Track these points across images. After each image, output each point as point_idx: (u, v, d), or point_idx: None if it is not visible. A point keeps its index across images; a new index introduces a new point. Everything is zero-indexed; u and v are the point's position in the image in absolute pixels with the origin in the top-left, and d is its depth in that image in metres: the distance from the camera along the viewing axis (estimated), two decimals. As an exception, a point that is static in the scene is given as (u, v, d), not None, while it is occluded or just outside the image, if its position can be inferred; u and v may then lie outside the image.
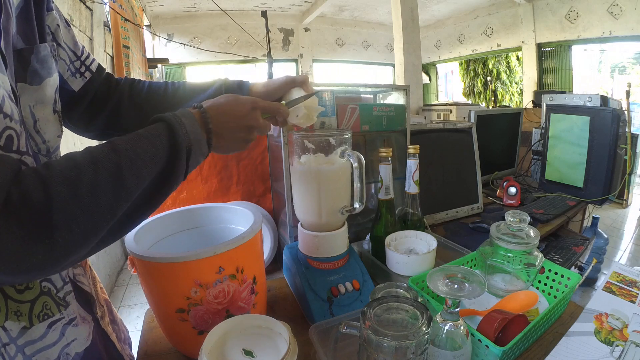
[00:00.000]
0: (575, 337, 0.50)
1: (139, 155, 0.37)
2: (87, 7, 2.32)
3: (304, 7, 5.70)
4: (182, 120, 0.41)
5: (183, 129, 0.41)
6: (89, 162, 0.33)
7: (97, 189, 0.33)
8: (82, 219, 0.32)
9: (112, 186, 0.34)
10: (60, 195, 0.31)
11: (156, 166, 0.38)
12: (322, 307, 0.63)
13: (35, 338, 0.39)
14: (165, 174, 0.39)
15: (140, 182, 0.36)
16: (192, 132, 0.42)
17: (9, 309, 0.37)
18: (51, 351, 0.40)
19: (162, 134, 0.40)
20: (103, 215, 0.34)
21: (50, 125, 0.43)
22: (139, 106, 0.57)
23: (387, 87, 1.08)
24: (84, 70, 0.52)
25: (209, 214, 0.69)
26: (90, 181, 0.33)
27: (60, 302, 0.42)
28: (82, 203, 0.32)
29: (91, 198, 0.32)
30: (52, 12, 0.45)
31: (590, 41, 4.53)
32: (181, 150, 0.40)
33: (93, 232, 0.34)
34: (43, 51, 0.41)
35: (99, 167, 0.34)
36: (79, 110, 0.53)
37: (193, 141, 0.41)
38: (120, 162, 0.35)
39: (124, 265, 2.71)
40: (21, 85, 0.39)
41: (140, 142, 0.38)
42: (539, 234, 0.64)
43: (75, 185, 0.32)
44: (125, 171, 0.35)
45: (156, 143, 0.39)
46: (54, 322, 0.41)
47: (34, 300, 0.39)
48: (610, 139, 1.34)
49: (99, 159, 0.34)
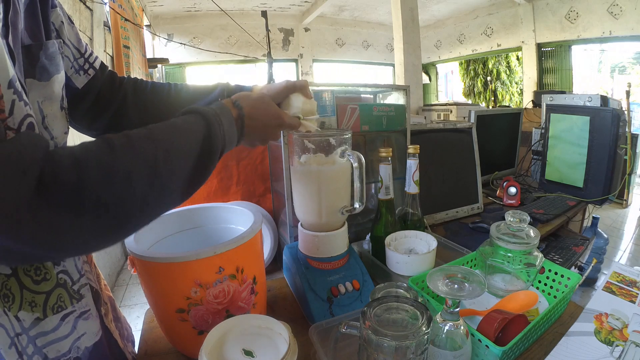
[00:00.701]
0: (575, 337, 0.50)
1: (176, 147, 0.37)
2: (87, 7, 2.32)
3: (304, 7, 5.70)
4: (221, 120, 0.42)
5: (221, 129, 0.41)
6: (126, 148, 0.33)
7: (132, 177, 0.33)
8: (112, 206, 0.32)
9: (146, 176, 0.34)
10: (93, 179, 0.30)
11: (190, 162, 0.38)
12: (322, 307, 0.63)
13: (47, 330, 0.39)
14: (197, 170, 0.39)
15: (174, 175, 0.37)
16: (228, 134, 0.42)
17: (23, 299, 0.37)
18: (63, 344, 0.40)
19: (199, 129, 0.40)
20: (134, 204, 0.34)
21: (57, 121, 0.43)
22: (142, 106, 0.57)
23: (387, 87, 1.08)
24: (88, 67, 0.52)
25: (209, 214, 0.69)
26: (125, 168, 0.32)
27: (74, 295, 0.42)
28: (114, 190, 0.32)
29: (124, 185, 0.32)
30: (56, 8, 0.45)
31: (590, 41, 4.53)
32: (217, 147, 0.41)
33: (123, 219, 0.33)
34: (51, 47, 0.41)
35: (136, 155, 0.34)
36: (82, 108, 0.53)
37: (227, 139, 0.42)
38: (157, 152, 0.35)
39: (124, 265, 2.71)
40: (30, 81, 0.39)
41: (178, 135, 0.38)
42: (539, 234, 0.64)
43: (110, 171, 0.31)
44: (161, 162, 0.35)
45: (193, 137, 0.39)
46: (67, 314, 0.41)
47: (49, 292, 0.39)
48: (610, 139, 1.34)
49: (136, 147, 0.34)
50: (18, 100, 0.32)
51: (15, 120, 0.32)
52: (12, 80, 0.31)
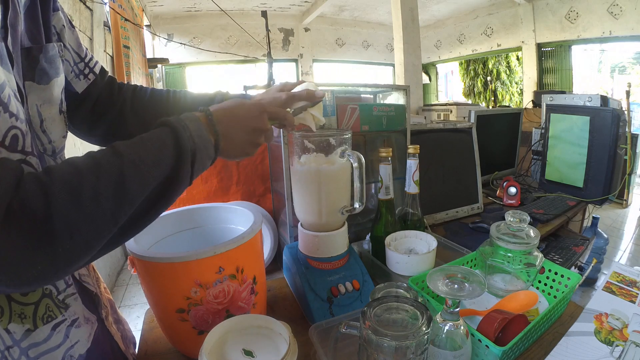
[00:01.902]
0: (575, 337, 0.50)
1: (142, 159, 0.35)
2: (87, 7, 2.32)
3: (304, 7, 5.70)
4: (186, 124, 0.40)
5: (187, 132, 0.39)
6: (91, 167, 0.32)
7: (99, 195, 0.32)
8: (83, 226, 0.31)
9: (114, 192, 0.33)
10: (61, 202, 0.30)
11: (160, 171, 0.37)
12: (322, 307, 0.63)
13: (39, 340, 0.39)
14: (170, 179, 0.38)
15: (144, 187, 0.35)
16: (197, 136, 0.40)
17: (12, 312, 0.37)
18: (55, 354, 0.40)
19: (166, 137, 0.38)
20: (105, 222, 0.33)
21: (56, 125, 0.43)
22: (141, 113, 0.56)
23: (387, 87, 1.08)
24: (88, 72, 0.52)
25: (209, 214, 0.69)
26: (92, 187, 0.31)
27: (60, 305, 0.42)
28: (83, 210, 0.31)
29: (93, 205, 0.31)
30: (58, 12, 0.45)
31: (590, 41, 4.53)
32: (186, 154, 0.39)
33: (95, 239, 0.33)
34: (51, 50, 0.41)
35: (101, 172, 0.33)
36: (82, 113, 0.53)
37: (198, 145, 0.40)
38: (123, 167, 0.34)
39: (124, 265, 2.71)
40: (29, 84, 0.39)
41: (143, 146, 0.36)
42: (539, 234, 0.64)
43: (77, 192, 0.31)
44: (128, 176, 0.34)
45: (160, 147, 0.37)
46: (58, 324, 0.41)
47: (37, 303, 0.39)
48: (610, 139, 1.34)
49: (101, 164, 0.33)
50: (3, 111, 0.31)
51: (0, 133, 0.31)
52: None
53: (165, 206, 0.39)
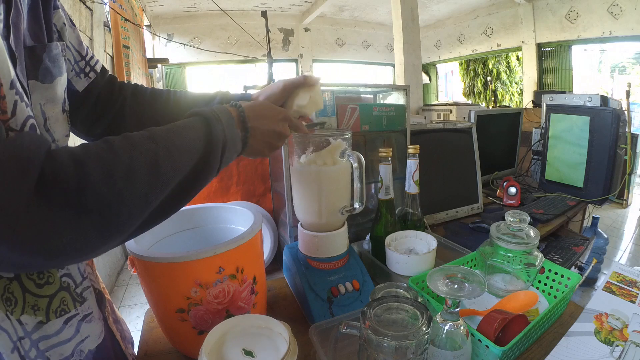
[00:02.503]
0: (575, 337, 0.50)
1: (176, 146, 0.37)
2: (87, 7, 2.32)
3: (304, 7, 5.70)
4: (219, 116, 0.42)
5: (220, 124, 0.41)
6: (126, 147, 0.33)
7: (133, 175, 0.32)
8: (114, 204, 0.31)
9: (147, 174, 0.33)
10: (94, 177, 0.30)
11: (191, 159, 0.38)
12: (322, 307, 0.63)
13: (50, 333, 0.39)
14: (199, 167, 0.39)
15: (176, 173, 0.36)
16: (228, 129, 0.42)
17: (26, 303, 0.37)
18: (66, 347, 0.40)
19: (199, 127, 0.40)
20: (136, 203, 0.33)
21: (59, 124, 0.43)
22: (140, 112, 0.56)
23: (387, 87, 1.08)
24: (89, 70, 0.52)
25: (209, 214, 0.69)
26: (126, 166, 0.32)
27: (77, 299, 0.42)
28: (116, 188, 0.31)
29: (126, 184, 0.31)
30: (58, 10, 0.45)
31: (590, 41, 4.53)
32: (217, 145, 0.40)
33: (126, 220, 0.33)
34: (55, 49, 0.41)
35: (136, 153, 0.33)
36: (82, 113, 0.53)
37: (228, 138, 0.42)
38: (158, 151, 0.35)
39: (124, 265, 2.71)
40: (32, 83, 0.39)
41: (178, 133, 0.38)
42: (539, 234, 0.64)
43: (111, 169, 0.31)
44: (162, 160, 0.35)
45: (193, 136, 0.39)
46: (70, 317, 0.41)
47: (52, 296, 0.39)
48: (610, 139, 1.34)
49: (137, 145, 0.34)
50: (20, 101, 0.32)
51: (18, 121, 0.32)
52: (13, 81, 0.31)
53: (192, 195, 0.40)
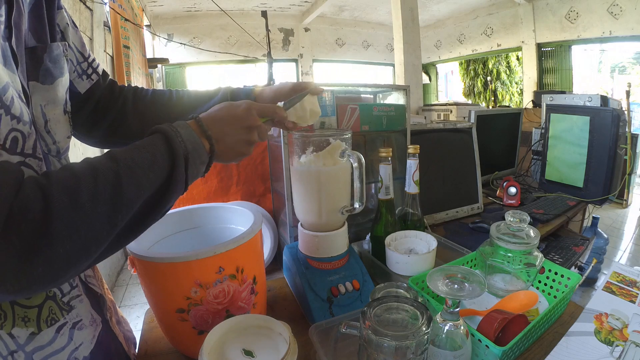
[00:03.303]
0: (575, 337, 0.50)
1: (138, 164, 0.36)
2: (87, 7, 2.32)
3: (304, 7, 5.70)
4: (177, 130, 0.41)
5: (179, 137, 0.40)
6: (88, 171, 0.33)
7: (97, 197, 0.32)
8: (82, 229, 0.31)
9: (111, 195, 0.33)
10: (60, 204, 0.30)
11: (155, 175, 0.37)
12: (322, 307, 0.63)
13: (44, 343, 0.39)
14: (165, 183, 0.39)
15: (140, 191, 0.36)
16: (188, 141, 0.41)
17: (15, 315, 0.36)
18: (60, 356, 0.40)
19: (158, 143, 0.39)
20: (103, 224, 0.33)
21: (60, 126, 0.42)
22: (141, 113, 0.56)
23: (387, 87, 1.08)
24: (91, 72, 0.52)
25: (209, 214, 0.69)
26: (90, 190, 0.32)
27: (64, 307, 0.42)
28: (82, 212, 0.31)
29: (91, 207, 0.32)
30: (61, 10, 0.45)
31: (590, 41, 4.53)
32: (179, 158, 0.39)
33: (94, 243, 0.33)
34: (56, 50, 0.40)
35: (99, 175, 0.33)
36: (83, 115, 0.53)
37: (190, 149, 0.41)
38: (119, 171, 0.34)
39: (124, 265, 2.71)
40: (33, 84, 0.38)
41: (138, 152, 0.37)
42: (539, 234, 0.64)
43: (75, 194, 0.31)
44: (125, 180, 0.34)
45: (154, 152, 0.38)
46: (61, 326, 0.41)
47: (40, 306, 0.39)
48: (610, 139, 1.34)
49: (98, 168, 0.34)
50: (5, 114, 0.31)
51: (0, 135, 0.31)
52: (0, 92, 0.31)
53: (161, 212, 0.40)
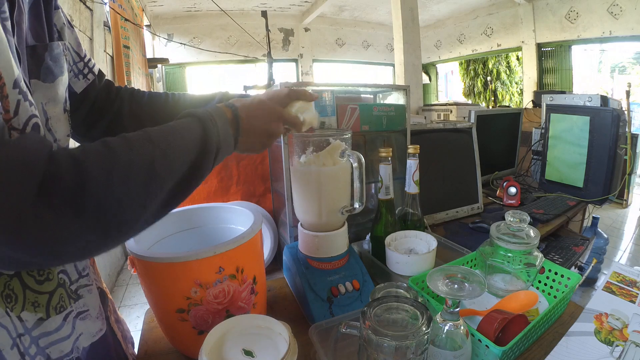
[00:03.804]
0: (575, 337, 0.50)
1: (172, 148, 0.37)
2: (87, 7, 2.32)
3: (304, 7, 5.70)
4: (214, 118, 0.42)
5: (215, 127, 0.41)
6: (124, 148, 0.33)
7: (131, 176, 0.33)
8: (113, 206, 0.31)
9: (145, 175, 0.34)
10: (93, 178, 0.30)
11: (186, 161, 0.38)
12: (322, 307, 0.63)
13: (50, 330, 0.39)
14: (193, 169, 0.39)
15: (171, 174, 0.36)
16: (222, 132, 0.42)
17: (26, 299, 0.37)
18: (65, 344, 0.40)
19: (194, 129, 0.40)
20: (134, 204, 0.33)
21: (60, 124, 0.43)
22: (138, 116, 0.56)
23: (387, 87, 1.08)
24: (87, 72, 0.52)
25: (209, 214, 0.69)
26: (124, 167, 0.32)
27: (72, 295, 0.42)
28: (114, 189, 0.31)
29: (124, 184, 0.32)
30: (58, 10, 0.45)
31: (590, 41, 4.53)
32: (212, 147, 0.41)
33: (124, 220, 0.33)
34: (56, 49, 0.41)
35: (134, 154, 0.33)
36: (80, 115, 0.53)
37: (222, 140, 0.42)
38: (155, 152, 0.35)
39: (124, 265, 2.71)
40: (34, 82, 0.39)
41: (174, 135, 0.38)
42: (539, 234, 0.64)
43: (109, 170, 0.31)
44: (158, 162, 0.35)
45: (188, 138, 0.39)
46: (68, 314, 0.41)
47: (52, 292, 0.39)
48: (610, 139, 1.34)
49: (134, 147, 0.34)
50: (23, 100, 0.32)
51: (21, 120, 0.32)
52: (17, 80, 0.31)
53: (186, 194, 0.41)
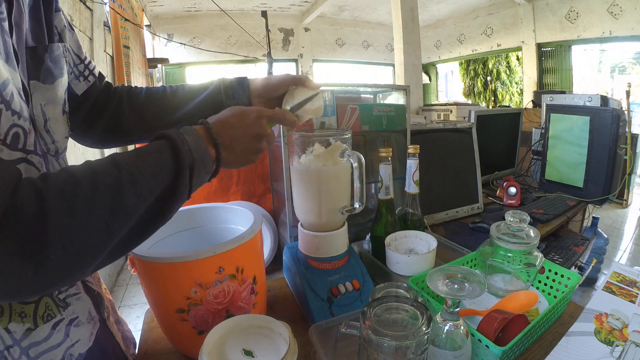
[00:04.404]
0: (575, 337, 0.50)
1: (141, 171, 0.35)
2: (87, 7, 2.32)
3: (304, 7, 5.70)
4: (184, 137, 0.40)
5: (185, 145, 0.39)
6: (87, 176, 0.32)
7: (95, 205, 0.31)
8: (77, 237, 0.30)
9: (110, 203, 0.32)
10: (55, 210, 0.29)
11: (158, 184, 0.36)
12: (322, 307, 0.63)
13: (39, 339, 0.39)
14: (168, 192, 0.38)
15: (141, 200, 0.35)
16: (195, 150, 0.40)
17: (12, 311, 0.37)
18: (56, 352, 0.40)
19: (164, 150, 0.38)
20: (99, 234, 0.32)
21: (59, 125, 0.43)
22: (137, 111, 0.56)
23: (387, 87, 1.08)
24: (88, 74, 0.52)
25: (209, 214, 0.69)
26: (87, 196, 0.31)
27: (60, 304, 0.42)
28: (77, 220, 0.30)
29: (87, 215, 0.30)
30: (59, 12, 0.45)
31: (590, 41, 4.53)
32: (184, 167, 0.38)
33: (89, 252, 0.32)
34: (56, 50, 0.41)
35: (98, 182, 0.32)
36: (79, 116, 0.53)
37: (196, 158, 0.40)
38: (121, 177, 0.33)
39: (124, 265, 2.71)
40: (34, 83, 0.38)
41: (142, 158, 0.36)
42: (539, 234, 0.64)
43: (72, 200, 0.30)
44: (126, 187, 0.33)
45: (158, 160, 0.37)
46: (57, 322, 0.41)
47: (37, 302, 0.39)
48: (610, 139, 1.34)
49: (99, 174, 0.32)
50: (5, 109, 0.31)
51: (1, 130, 0.31)
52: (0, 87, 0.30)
53: (163, 221, 0.39)
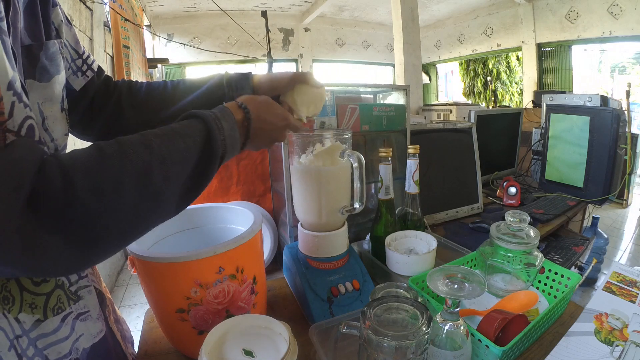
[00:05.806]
0: (575, 337, 0.50)
1: (171, 154, 0.35)
2: (87, 7, 2.32)
3: (304, 7, 5.70)
4: (221, 124, 0.39)
5: (221, 134, 0.39)
6: (117, 155, 0.32)
7: (122, 186, 0.31)
8: (103, 218, 0.30)
9: (138, 185, 0.32)
10: (82, 192, 0.29)
11: (186, 168, 0.36)
12: (322, 307, 0.63)
13: (48, 331, 0.39)
14: (195, 177, 0.38)
15: (168, 183, 0.35)
16: (229, 137, 0.40)
17: (23, 301, 0.37)
18: (63, 345, 0.40)
19: (197, 136, 0.38)
20: (126, 215, 0.32)
21: (58, 123, 0.42)
22: (138, 106, 0.56)
23: (387, 87, 1.08)
24: (86, 69, 0.52)
25: (209, 214, 0.69)
26: (115, 178, 0.31)
27: (72, 297, 0.42)
28: (104, 201, 0.30)
29: (115, 196, 0.30)
30: (56, 7, 0.45)
31: (590, 41, 4.53)
32: (216, 157, 0.38)
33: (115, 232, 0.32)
34: (52, 48, 0.40)
35: (127, 162, 0.32)
36: (79, 112, 0.52)
37: (228, 145, 0.40)
38: (151, 160, 0.33)
39: (124, 265, 2.71)
40: (30, 82, 0.38)
41: (174, 141, 0.36)
42: (539, 234, 0.64)
43: (99, 181, 0.30)
44: (155, 171, 0.33)
45: (191, 145, 0.37)
46: (66, 315, 0.41)
47: (49, 294, 0.39)
48: (610, 139, 1.34)
49: (128, 154, 0.32)
50: (18, 102, 0.31)
51: (15, 122, 0.31)
52: (11, 81, 0.31)
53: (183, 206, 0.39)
